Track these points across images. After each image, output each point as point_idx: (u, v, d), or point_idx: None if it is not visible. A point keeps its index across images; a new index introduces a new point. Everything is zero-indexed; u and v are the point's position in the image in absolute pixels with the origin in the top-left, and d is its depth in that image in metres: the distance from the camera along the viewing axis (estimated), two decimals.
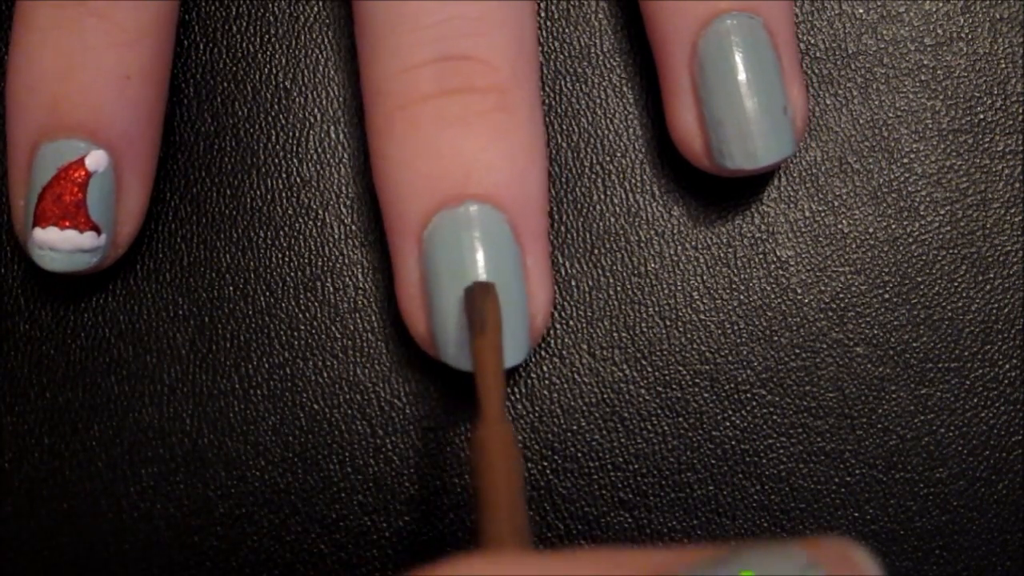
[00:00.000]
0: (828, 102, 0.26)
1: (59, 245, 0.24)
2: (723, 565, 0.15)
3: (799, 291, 0.26)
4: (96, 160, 0.23)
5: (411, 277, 0.24)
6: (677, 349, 0.26)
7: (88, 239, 0.24)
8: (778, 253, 0.26)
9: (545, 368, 0.26)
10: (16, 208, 0.24)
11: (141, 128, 0.24)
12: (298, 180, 0.26)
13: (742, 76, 0.24)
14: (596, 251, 0.26)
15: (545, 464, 0.25)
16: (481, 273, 0.23)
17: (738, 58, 0.24)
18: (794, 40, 0.25)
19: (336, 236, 0.26)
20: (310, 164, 0.26)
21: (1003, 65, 0.27)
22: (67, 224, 0.23)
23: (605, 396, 0.26)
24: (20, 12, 0.24)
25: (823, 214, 0.26)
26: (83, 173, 0.23)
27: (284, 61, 0.27)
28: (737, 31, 0.24)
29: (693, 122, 0.24)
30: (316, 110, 0.26)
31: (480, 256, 0.23)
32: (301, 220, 0.26)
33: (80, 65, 0.23)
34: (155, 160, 0.25)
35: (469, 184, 0.23)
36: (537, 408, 0.26)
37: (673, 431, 0.26)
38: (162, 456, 0.25)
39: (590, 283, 0.26)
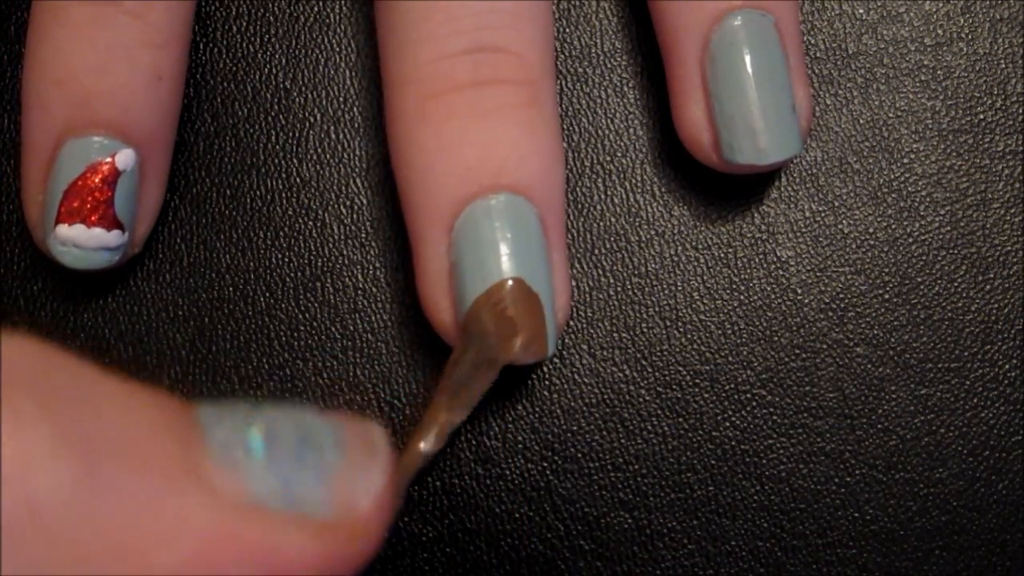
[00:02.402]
0: (828, 102, 0.26)
1: (84, 242, 0.23)
2: (235, 405, 0.15)
3: (799, 291, 0.26)
4: (125, 159, 0.23)
5: (438, 266, 0.23)
6: (677, 349, 0.26)
7: (114, 237, 0.24)
8: (778, 253, 0.26)
9: (545, 368, 0.26)
10: (33, 203, 0.24)
11: (165, 129, 0.24)
12: (298, 180, 0.26)
13: (754, 72, 0.24)
14: (596, 251, 0.26)
15: (545, 464, 0.25)
16: (517, 265, 0.23)
17: (750, 54, 0.24)
18: (801, 41, 0.25)
19: (336, 236, 0.26)
20: (310, 164, 0.26)
21: (1003, 65, 0.27)
22: (95, 221, 0.23)
23: (605, 396, 0.26)
24: (46, 8, 0.24)
25: (823, 214, 0.26)
26: (113, 170, 0.23)
27: (284, 61, 0.27)
28: (750, 28, 0.24)
29: (702, 117, 0.24)
30: (316, 110, 0.26)
31: (512, 248, 0.23)
32: (301, 220, 0.26)
33: (115, 63, 0.23)
34: (170, 160, 0.25)
35: (502, 175, 0.23)
36: (537, 408, 0.26)
37: (673, 431, 0.26)
38: None
39: (590, 283, 0.26)
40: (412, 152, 0.24)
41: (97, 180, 0.23)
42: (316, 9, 0.27)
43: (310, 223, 0.26)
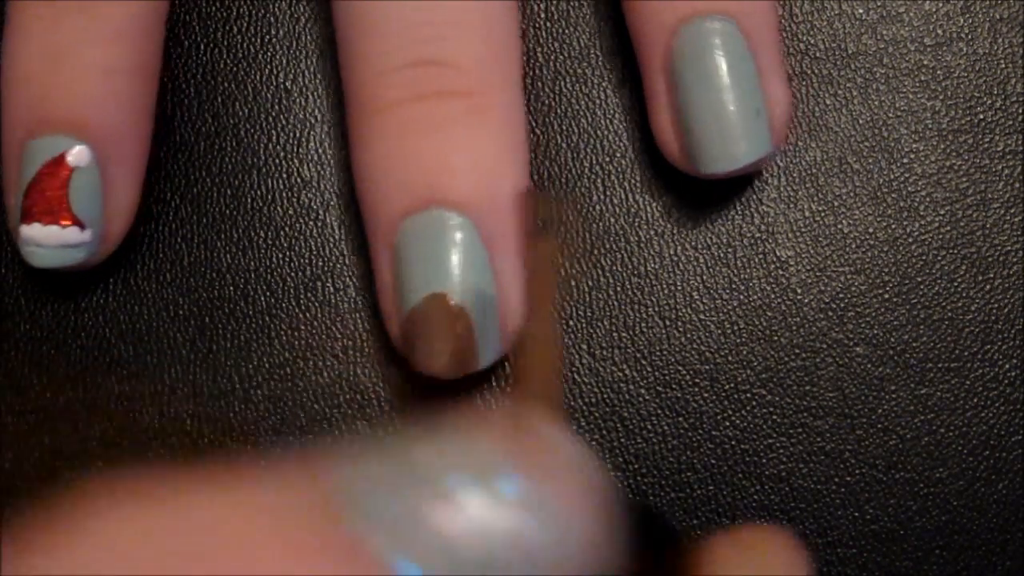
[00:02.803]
0: (828, 102, 0.26)
1: (43, 241, 0.24)
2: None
3: (799, 291, 0.26)
4: (78, 155, 0.24)
5: (384, 280, 0.24)
6: (677, 349, 0.26)
7: (71, 234, 0.24)
8: (778, 253, 0.26)
9: None
10: (10, 207, 0.24)
11: (127, 123, 0.24)
12: (298, 180, 0.26)
13: (710, 81, 0.24)
14: (596, 251, 0.26)
15: None
16: (446, 279, 0.23)
17: (706, 62, 0.24)
18: (774, 40, 0.24)
19: (336, 236, 0.26)
20: (310, 164, 0.26)
21: (1003, 65, 0.27)
22: (49, 220, 0.23)
23: (605, 396, 0.26)
24: (8, 12, 0.24)
25: (823, 214, 0.26)
26: (64, 168, 0.23)
27: (284, 61, 0.27)
28: (707, 35, 0.24)
29: (669, 125, 0.24)
30: (316, 110, 0.26)
31: (444, 262, 0.23)
32: (301, 220, 0.26)
33: (63, 61, 0.23)
34: (145, 156, 0.25)
35: (435, 190, 0.23)
36: None
37: (673, 431, 0.26)
38: (162, 456, 0.25)
39: (590, 283, 0.26)
40: (357, 171, 0.24)
41: (49, 178, 0.23)
42: (316, 9, 0.27)
43: (310, 223, 0.26)
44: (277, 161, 0.26)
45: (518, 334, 0.22)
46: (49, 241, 0.24)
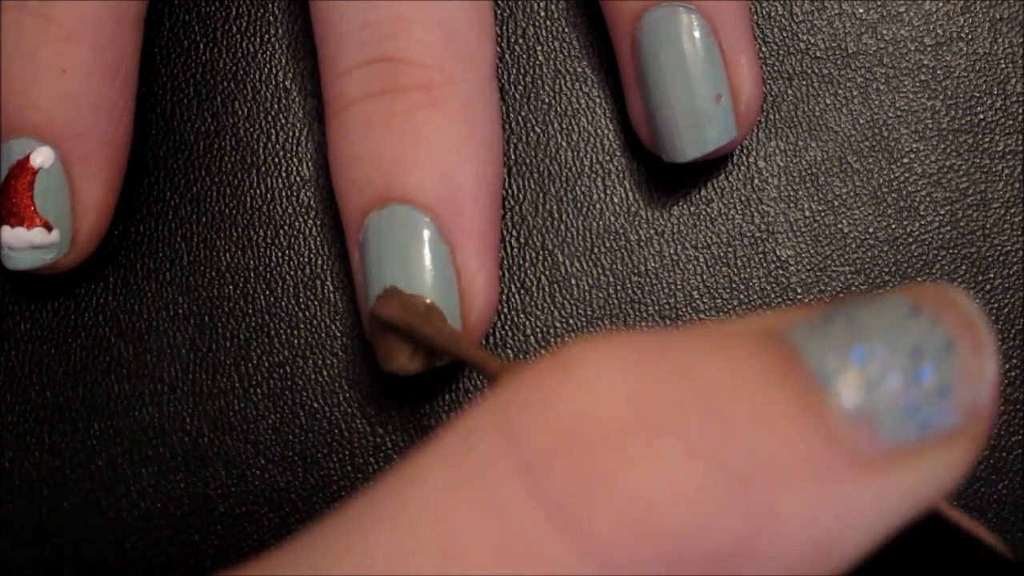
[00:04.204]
0: (828, 102, 0.26)
1: (13, 243, 0.24)
2: (829, 323, 0.14)
3: (799, 291, 0.26)
4: (41, 156, 0.24)
5: (357, 280, 0.24)
6: None
7: (38, 235, 0.24)
8: (778, 253, 0.26)
9: None
10: None
11: (87, 122, 0.24)
12: (298, 180, 0.26)
13: (667, 68, 0.24)
14: (596, 250, 0.26)
15: None
16: (402, 275, 0.23)
17: (663, 49, 0.24)
18: (740, 24, 0.24)
19: (336, 235, 0.26)
20: (310, 164, 0.26)
21: (1003, 65, 0.27)
22: (16, 222, 0.24)
23: None
24: None
25: (823, 214, 0.26)
26: (26, 170, 0.24)
27: (284, 61, 0.27)
28: (663, 22, 0.24)
29: (640, 115, 0.25)
30: (316, 109, 0.26)
31: (401, 258, 0.23)
32: (301, 219, 0.26)
33: (18, 64, 0.24)
34: (116, 154, 0.25)
35: (392, 186, 0.23)
36: None
37: None
38: (162, 455, 0.25)
39: (590, 282, 0.26)
40: (330, 170, 0.25)
41: (15, 181, 0.24)
42: None
43: (310, 222, 0.26)
44: (277, 160, 0.26)
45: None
46: (18, 243, 0.24)
